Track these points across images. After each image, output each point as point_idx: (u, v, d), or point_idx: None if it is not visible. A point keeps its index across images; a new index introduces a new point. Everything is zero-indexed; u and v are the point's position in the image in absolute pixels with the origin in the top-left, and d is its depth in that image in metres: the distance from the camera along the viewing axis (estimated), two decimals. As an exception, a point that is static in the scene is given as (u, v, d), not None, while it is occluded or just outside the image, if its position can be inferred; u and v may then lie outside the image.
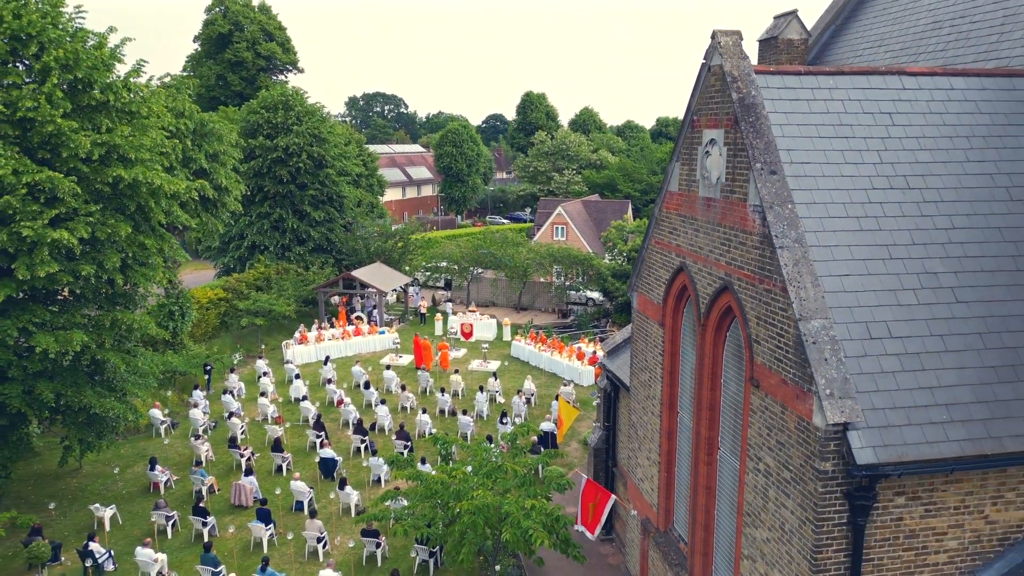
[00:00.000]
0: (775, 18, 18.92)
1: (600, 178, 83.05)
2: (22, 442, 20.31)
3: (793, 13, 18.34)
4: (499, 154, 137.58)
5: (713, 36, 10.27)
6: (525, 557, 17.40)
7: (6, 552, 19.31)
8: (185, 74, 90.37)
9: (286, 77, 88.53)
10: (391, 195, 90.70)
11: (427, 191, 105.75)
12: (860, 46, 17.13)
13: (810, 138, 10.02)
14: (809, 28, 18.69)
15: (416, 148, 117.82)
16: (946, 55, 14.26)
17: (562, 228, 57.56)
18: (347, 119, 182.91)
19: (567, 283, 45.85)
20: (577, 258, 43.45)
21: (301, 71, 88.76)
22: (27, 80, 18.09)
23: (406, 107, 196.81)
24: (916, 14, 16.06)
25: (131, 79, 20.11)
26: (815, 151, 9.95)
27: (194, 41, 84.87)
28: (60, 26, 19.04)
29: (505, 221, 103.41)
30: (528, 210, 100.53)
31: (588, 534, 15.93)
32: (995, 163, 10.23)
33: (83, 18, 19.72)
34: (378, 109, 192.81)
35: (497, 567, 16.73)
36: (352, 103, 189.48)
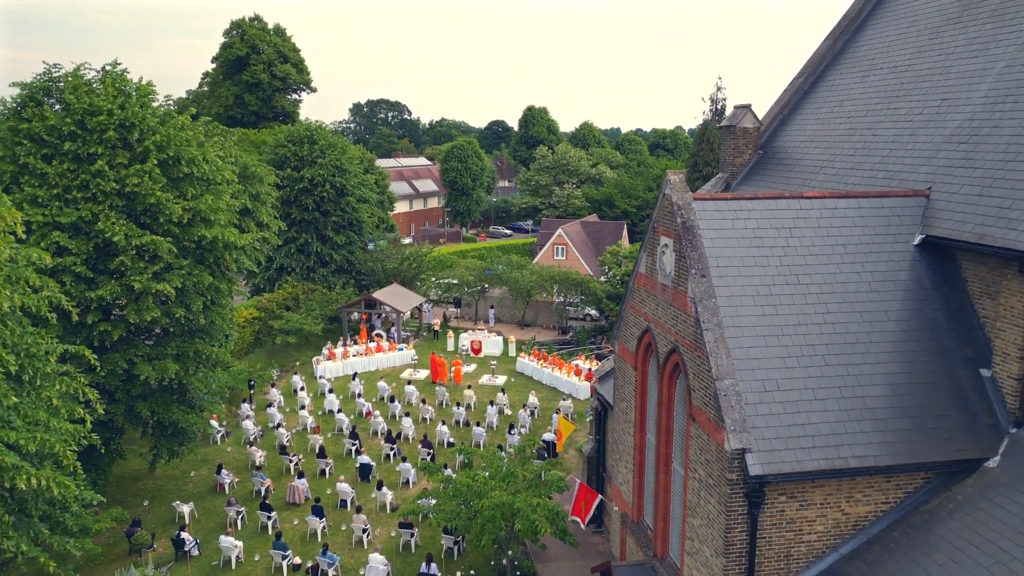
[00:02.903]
0: (735, 107, 23.47)
1: (599, 194, 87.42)
2: (116, 451, 24.74)
3: (747, 107, 22.89)
4: (501, 162, 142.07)
5: (665, 175, 14.65)
6: (531, 544, 21.76)
7: (108, 540, 23.71)
8: (203, 89, 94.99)
9: (299, 96, 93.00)
10: (399, 207, 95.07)
11: (433, 203, 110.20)
12: (799, 139, 21.51)
13: (732, 248, 14.40)
14: (761, 117, 23.11)
15: (422, 161, 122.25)
16: (854, 158, 18.66)
17: (562, 248, 62.08)
18: (351, 125, 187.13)
19: (567, 302, 50.30)
20: (576, 281, 47.89)
21: (314, 90, 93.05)
22: (131, 160, 22.41)
23: (409, 114, 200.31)
24: (838, 118, 20.47)
25: (208, 151, 24.49)
26: (735, 257, 14.32)
27: (212, 62, 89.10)
28: (151, 112, 23.45)
29: (508, 231, 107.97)
30: (530, 222, 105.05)
31: (580, 524, 20.32)
32: (863, 264, 14.60)
33: (171, 105, 24.15)
34: (382, 115, 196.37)
35: (509, 552, 21.11)
36: (356, 109, 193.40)
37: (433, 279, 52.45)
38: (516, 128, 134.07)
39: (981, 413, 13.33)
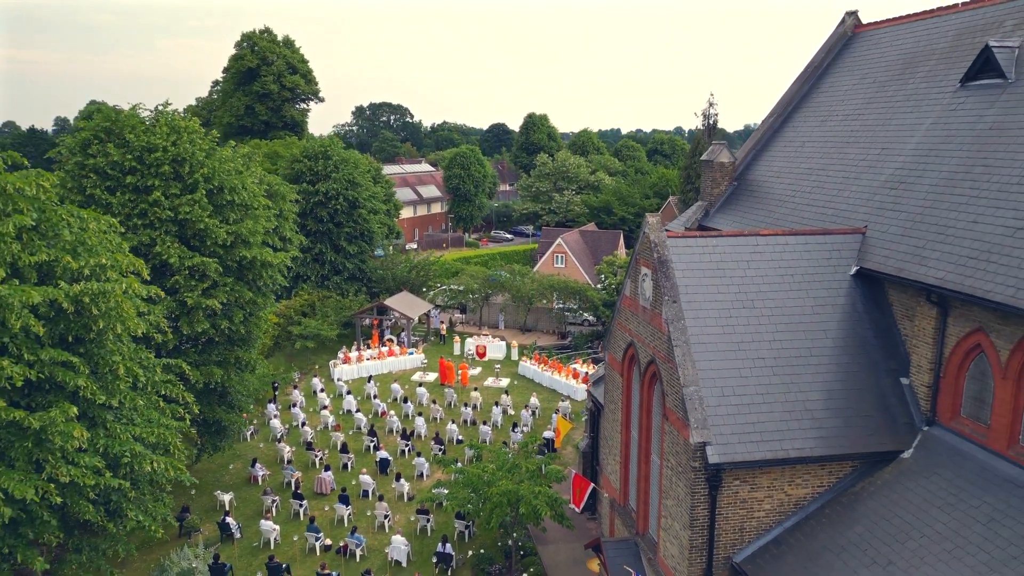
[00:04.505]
0: (714, 144, 26.58)
1: (597, 202, 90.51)
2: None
3: (724, 143, 26.01)
4: (502, 166, 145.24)
5: (644, 218, 17.76)
6: (533, 527, 24.87)
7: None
8: (213, 98, 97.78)
9: (307, 106, 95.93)
10: (404, 213, 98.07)
11: (436, 208, 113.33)
12: (767, 174, 24.61)
13: (699, 277, 17.49)
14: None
15: (426, 168, 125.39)
16: (811, 195, 21.77)
17: (561, 257, 65.25)
18: (354, 128, 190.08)
19: (565, 308, 53.43)
20: (574, 289, 51.02)
21: (322, 100, 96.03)
22: (183, 191, 25.45)
23: (411, 117, 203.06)
24: (800, 156, 23.58)
25: (246, 179, 27.54)
26: (701, 285, 17.42)
27: (223, 72, 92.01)
28: (199, 147, 26.52)
29: (509, 236, 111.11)
30: (531, 227, 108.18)
31: (576, 509, 23.46)
32: (807, 291, 17.69)
33: (216, 140, 27.23)
34: (384, 119, 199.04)
35: (514, 534, 24.22)
36: (359, 113, 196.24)
37: (440, 286, 55.56)
38: (517, 132, 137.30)
39: (899, 414, 16.44)
